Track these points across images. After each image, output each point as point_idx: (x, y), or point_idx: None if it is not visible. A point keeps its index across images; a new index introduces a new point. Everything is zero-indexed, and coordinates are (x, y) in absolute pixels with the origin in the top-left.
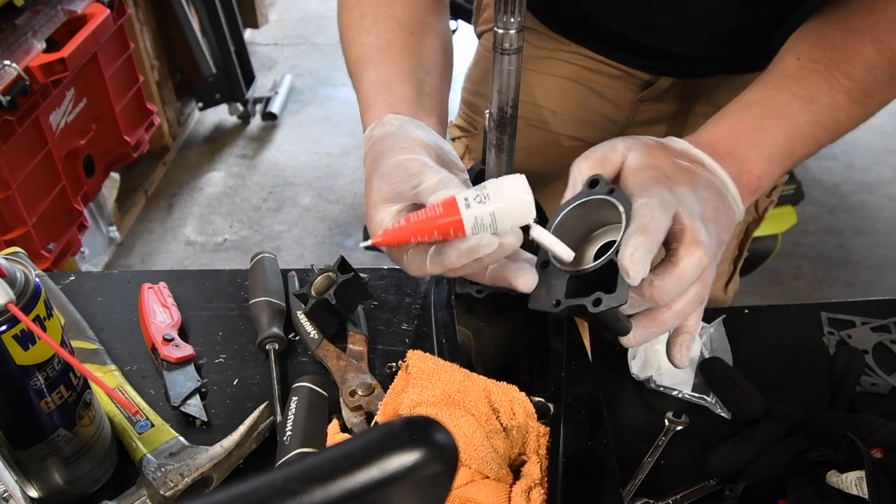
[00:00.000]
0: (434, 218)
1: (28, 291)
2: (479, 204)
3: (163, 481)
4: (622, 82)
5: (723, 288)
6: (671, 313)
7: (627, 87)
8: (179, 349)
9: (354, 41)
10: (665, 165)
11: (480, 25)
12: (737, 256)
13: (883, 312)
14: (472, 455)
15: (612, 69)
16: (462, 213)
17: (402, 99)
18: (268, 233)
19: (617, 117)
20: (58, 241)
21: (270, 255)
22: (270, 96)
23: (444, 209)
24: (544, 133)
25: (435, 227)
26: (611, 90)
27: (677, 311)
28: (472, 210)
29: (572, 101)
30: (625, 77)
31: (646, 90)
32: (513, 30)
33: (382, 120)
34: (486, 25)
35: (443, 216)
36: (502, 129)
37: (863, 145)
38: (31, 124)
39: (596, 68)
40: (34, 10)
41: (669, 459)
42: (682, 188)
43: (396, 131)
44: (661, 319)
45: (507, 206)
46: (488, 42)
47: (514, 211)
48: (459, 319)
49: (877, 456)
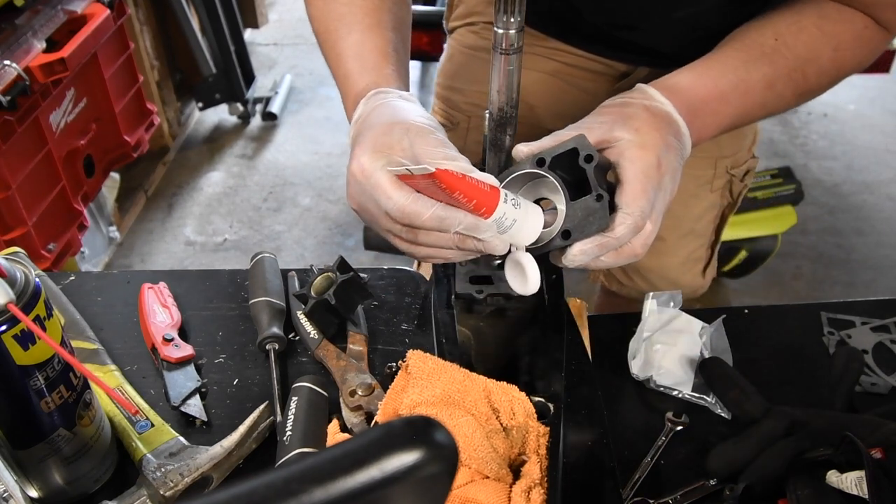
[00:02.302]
0: (480, 189)
1: (28, 291)
2: (513, 206)
3: (163, 481)
4: (598, 75)
5: (701, 273)
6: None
7: (604, 79)
8: (179, 349)
9: (330, 9)
10: (659, 145)
11: (453, 21)
12: (714, 241)
13: (883, 312)
14: (472, 455)
15: (589, 62)
16: (499, 203)
17: (392, 71)
18: (268, 233)
19: (593, 109)
20: (58, 241)
21: (270, 255)
22: (270, 96)
23: (490, 191)
24: (521, 126)
25: (477, 195)
26: (588, 82)
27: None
28: (506, 206)
29: (549, 95)
30: (601, 69)
31: (621, 81)
32: (513, 30)
33: (385, 90)
34: (459, 21)
35: (486, 194)
36: (502, 128)
37: (863, 145)
38: (31, 124)
39: (572, 62)
40: (34, 10)
41: (669, 459)
42: (666, 178)
43: (404, 106)
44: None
45: (524, 224)
46: (462, 38)
47: (525, 231)
48: (459, 319)
49: (877, 456)
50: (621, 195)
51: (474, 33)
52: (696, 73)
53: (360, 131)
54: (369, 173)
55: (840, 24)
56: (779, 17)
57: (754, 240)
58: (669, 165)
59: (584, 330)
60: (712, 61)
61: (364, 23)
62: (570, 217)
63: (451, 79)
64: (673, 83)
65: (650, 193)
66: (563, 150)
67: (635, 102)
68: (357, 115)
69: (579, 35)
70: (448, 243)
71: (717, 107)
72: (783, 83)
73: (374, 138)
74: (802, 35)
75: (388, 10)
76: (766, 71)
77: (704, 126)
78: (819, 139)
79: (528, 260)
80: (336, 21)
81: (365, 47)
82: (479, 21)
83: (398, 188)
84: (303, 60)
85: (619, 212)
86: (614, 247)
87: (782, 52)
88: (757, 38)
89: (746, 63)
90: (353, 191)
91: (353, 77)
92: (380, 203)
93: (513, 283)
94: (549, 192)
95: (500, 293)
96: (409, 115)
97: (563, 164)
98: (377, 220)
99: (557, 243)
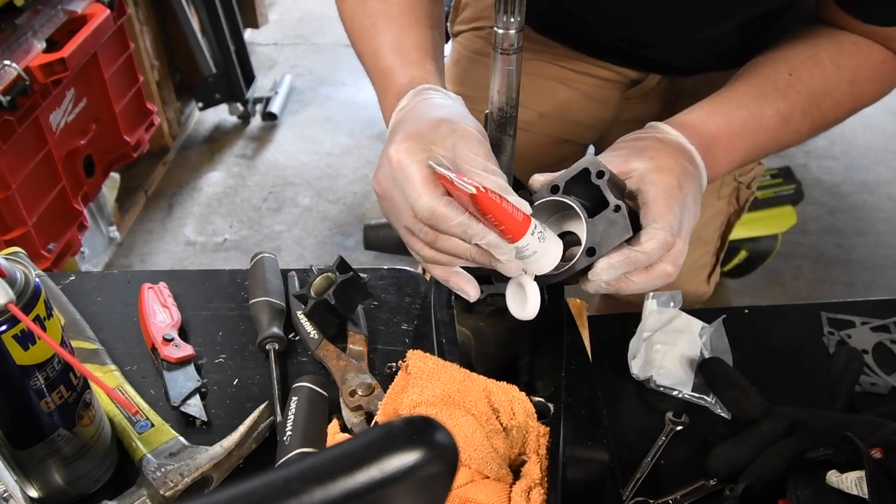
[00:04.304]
0: (513, 218)
1: (28, 291)
2: (538, 240)
3: (163, 481)
4: (608, 82)
5: (706, 280)
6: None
7: (614, 87)
8: (179, 349)
9: (366, 7)
10: (677, 169)
11: (458, 24)
12: (719, 248)
13: (883, 312)
14: (472, 455)
15: (599, 69)
16: (527, 234)
17: (433, 67)
18: (268, 233)
19: (603, 116)
20: (58, 241)
21: (270, 255)
22: (270, 96)
23: (522, 220)
24: (528, 134)
25: (507, 222)
26: (597, 90)
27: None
28: (533, 237)
29: (558, 103)
30: (612, 76)
31: (632, 88)
32: (513, 30)
33: (434, 87)
34: (465, 25)
35: (517, 223)
36: (502, 129)
37: (863, 145)
38: (31, 124)
39: (582, 69)
40: (34, 10)
41: (669, 459)
42: (689, 199)
43: (453, 106)
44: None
45: (543, 256)
46: (468, 42)
47: (541, 263)
48: (459, 319)
49: (877, 456)
50: (647, 214)
51: (482, 38)
52: (708, 109)
53: (404, 119)
54: (405, 164)
55: (857, 57)
56: (793, 52)
57: (754, 240)
58: (690, 188)
59: (584, 330)
60: (724, 97)
61: (403, 19)
62: (592, 234)
63: (458, 85)
64: (685, 120)
65: (676, 210)
66: (574, 174)
67: (648, 136)
68: (401, 105)
69: (591, 47)
70: (465, 253)
71: (729, 142)
72: (798, 118)
73: (419, 129)
74: (818, 69)
75: (425, 7)
76: (781, 106)
77: (717, 161)
78: (819, 139)
79: (531, 286)
80: (372, 17)
81: (405, 42)
82: (486, 26)
83: (431, 187)
84: (303, 60)
85: (648, 227)
86: (644, 262)
87: (797, 86)
88: (771, 74)
89: (759, 98)
90: (382, 175)
91: (395, 70)
92: (408, 197)
93: (512, 305)
94: (574, 223)
95: (499, 293)
96: (458, 115)
97: (580, 190)
98: (400, 212)
99: (582, 262)
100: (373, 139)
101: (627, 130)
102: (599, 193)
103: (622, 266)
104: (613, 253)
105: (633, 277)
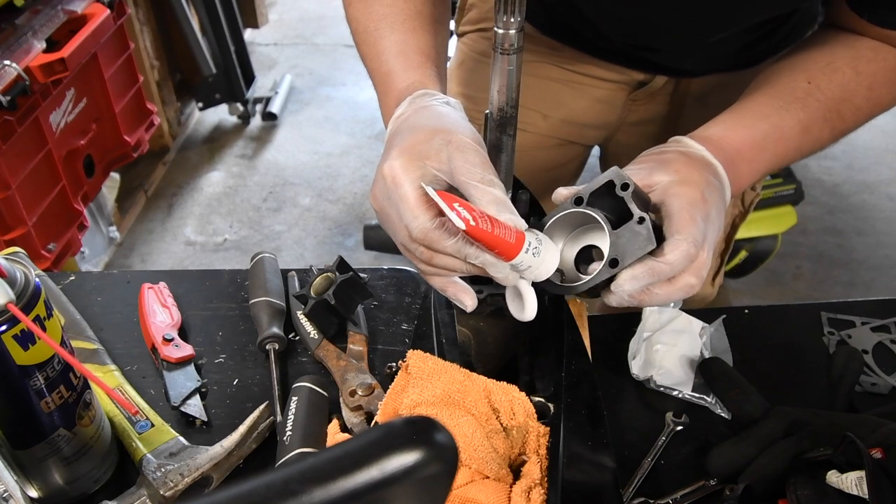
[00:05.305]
0: (505, 242)
1: (28, 291)
2: (532, 256)
3: (163, 481)
4: (615, 84)
5: (710, 282)
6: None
7: (620, 89)
8: (179, 349)
9: (372, 10)
10: (701, 182)
11: (464, 25)
12: (723, 249)
13: (883, 312)
14: (472, 455)
15: (606, 71)
16: (521, 253)
17: (435, 73)
18: (268, 233)
19: (609, 118)
20: (58, 241)
21: (270, 255)
22: (270, 96)
23: (516, 239)
24: (532, 136)
25: (499, 246)
26: (603, 92)
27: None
28: (527, 254)
29: (564, 105)
30: (618, 78)
31: (639, 90)
32: (513, 30)
33: (432, 92)
34: (470, 26)
35: (510, 246)
36: (502, 129)
37: (863, 145)
38: (31, 124)
39: (586, 71)
40: (34, 10)
41: (669, 459)
42: (713, 212)
43: (450, 114)
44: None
45: (538, 268)
46: (473, 43)
47: (540, 271)
48: (459, 319)
49: (877, 456)
50: (670, 226)
51: (487, 39)
52: (729, 123)
53: (399, 130)
54: (400, 182)
55: (874, 63)
56: (811, 59)
57: (754, 240)
58: (714, 201)
59: (584, 330)
60: (744, 109)
61: (407, 24)
62: (615, 245)
63: (463, 86)
64: (707, 134)
65: (699, 222)
66: (599, 185)
67: (671, 150)
68: (398, 112)
69: (599, 50)
70: (461, 269)
71: (751, 155)
72: (819, 126)
73: (413, 143)
74: (836, 76)
75: (431, 12)
76: (801, 116)
77: (740, 175)
78: None
79: (528, 291)
80: (377, 21)
81: (408, 46)
82: (492, 27)
83: (425, 208)
84: (303, 60)
85: (671, 238)
86: (667, 274)
87: (816, 95)
88: (789, 83)
89: (780, 110)
90: (378, 192)
91: (395, 74)
92: (403, 217)
93: (511, 307)
94: (597, 236)
95: (499, 293)
96: (453, 124)
97: (604, 202)
98: (396, 230)
99: (605, 274)
100: (373, 139)
101: (633, 132)
102: (623, 206)
103: (645, 277)
104: (636, 264)
105: (656, 289)
